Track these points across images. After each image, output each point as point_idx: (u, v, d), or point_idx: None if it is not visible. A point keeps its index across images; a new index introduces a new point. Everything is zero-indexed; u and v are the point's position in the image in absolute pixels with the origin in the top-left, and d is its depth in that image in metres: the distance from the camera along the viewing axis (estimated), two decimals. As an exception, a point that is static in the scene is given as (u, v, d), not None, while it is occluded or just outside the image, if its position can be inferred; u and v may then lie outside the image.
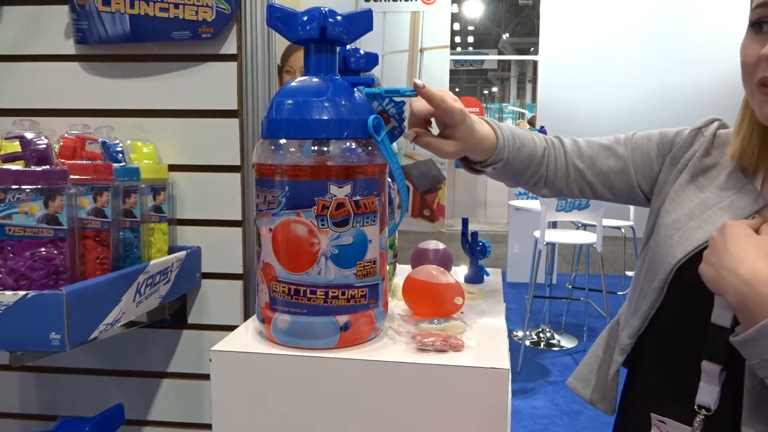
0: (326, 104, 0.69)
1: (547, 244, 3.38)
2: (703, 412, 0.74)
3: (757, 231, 0.71)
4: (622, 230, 3.72)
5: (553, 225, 3.76)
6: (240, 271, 1.13)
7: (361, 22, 0.75)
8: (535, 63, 8.53)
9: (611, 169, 0.93)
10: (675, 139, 0.89)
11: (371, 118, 0.71)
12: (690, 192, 0.85)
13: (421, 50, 6.49)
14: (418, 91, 0.79)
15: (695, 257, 0.79)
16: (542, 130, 4.51)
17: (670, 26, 5.78)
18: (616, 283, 4.17)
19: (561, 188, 0.94)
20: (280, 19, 0.73)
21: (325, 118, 0.68)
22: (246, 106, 1.11)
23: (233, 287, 1.14)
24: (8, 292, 0.75)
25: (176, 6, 1.05)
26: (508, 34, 18.21)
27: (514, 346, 3.38)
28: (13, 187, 0.77)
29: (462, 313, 0.84)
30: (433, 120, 0.83)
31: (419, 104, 0.81)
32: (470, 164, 0.89)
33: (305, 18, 0.72)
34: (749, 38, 0.73)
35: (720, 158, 0.83)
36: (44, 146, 0.81)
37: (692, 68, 5.60)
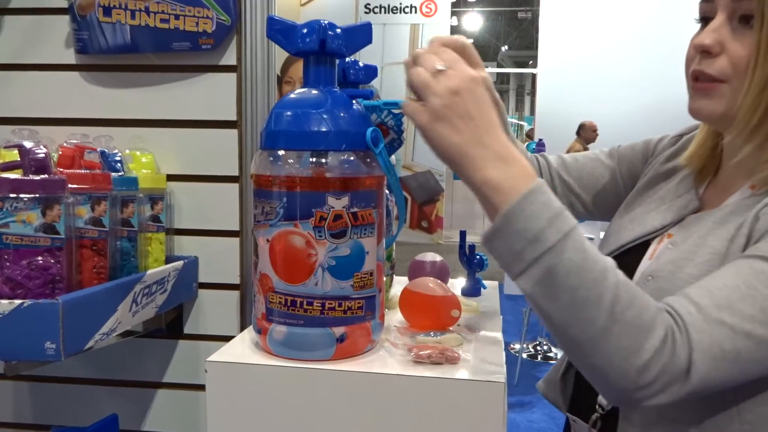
0: (325, 116, 0.69)
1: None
2: (599, 410, 0.76)
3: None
4: (620, 243, 3.72)
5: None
6: (237, 281, 1.13)
7: (361, 35, 0.75)
8: (533, 76, 8.57)
9: (599, 181, 0.91)
10: (657, 146, 0.88)
11: (370, 130, 0.71)
12: (641, 197, 0.84)
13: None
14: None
15: (618, 256, 0.79)
16: (540, 143, 4.52)
17: (668, 38, 5.81)
18: (614, 296, 4.16)
19: None
20: (280, 32, 0.73)
21: (324, 130, 0.69)
22: (245, 117, 1.12)
23: (230, 297, 1.14)
24: (4, 301, 0.75)
25: (177, 17, 1.05)
26: (506, 47, 18.34)
27: (511, 359, 3.38)
28: (11, 195, 0.77)
29: (459, 325, 0.84)
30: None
31: (446, 37, 0.70)
32: None
33: (305, 30, 0.72)
34: (696, 34, 0.72)
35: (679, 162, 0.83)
36: (43, 155, 0.81)
37: (690, 82, 5.62)
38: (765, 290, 0.59)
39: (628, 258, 0.78)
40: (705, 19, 0.71)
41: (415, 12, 6.21)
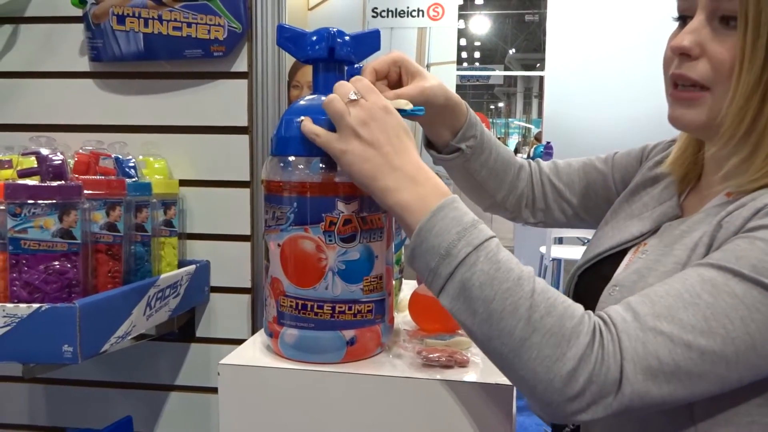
0: (334, 123, 0.70)
1: (553, 260, 3.37)
2: (571, 424, 0.75)
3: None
4: (629, 246, 3.70)
5: (559, 241, 3.75)
6: (248, 285, 1.15)
7: (369, 42, 0.77)
8: (541, 78, 8.56)
9: (590, 187, 0.89)
10: (651, 151, 0.86)
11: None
12: (627, 203, 0.81)
13: (428, 66, 6.52)
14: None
15: (595, 264, 0.78)
16: (548, 146, 4.52)
17: (676, 43, 5.77)
18: (623, 299, 4.14)
19: (542, 209, 0.91)
20: (289, 39, 0.75)
21: (334, 136, 0.70)
22: (256, 123, 1.13)
23: (241, 301, 1.15)
24: (22, 305, 0.77)
25: (189, 25, 1.07)
26: (514, 50, 18.31)
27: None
28: (29, 201, 0.79)
29: (467, 328, 0.85)
30: None
31: (376, 60, 0.76)
32: (440, 149, 0.84)
33: (314, 38, 0.73)
34: (674, 33, 0.69)
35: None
36: (59, 162, 0.83)
37: (699, 84, 5.57)
38: (709, 299, 0.55)
39: (605, 267, 0.76)
40: (683, 18, 0.67)
41: (423, 15, 6.21)
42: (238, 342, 0.83)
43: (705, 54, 0.64)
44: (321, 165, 0.70)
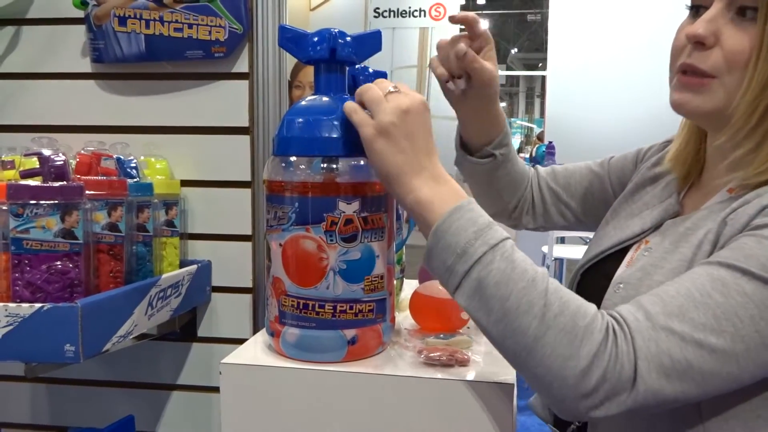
0: (335, 123, 0.71)
1: (555, 259, 3.37)
2: (576, 422, 0.75)
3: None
4: (631, 246, 3.69)
5: (561, 240, 3.75)
6: (249, 285, 1.15)
7: (371, 43, 0.77)
8: (543, 78, 8.55)
9: (587, 189, 0.91)
10: (647, 152, 0.87)
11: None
12: (626, 203, 0.82)
13: (430, 66, 6.54)
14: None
15: (597, 263, 0.79)
16: (550, 146, 4.52)
17: (678, 42, 5.75)
18: (625, 298, 4.12)
19: (542, 214, 0.93)
20: (291, 40, 0.75)
21: (335, 136, 0.70)
22: (257, 124, 1.14)
23: (243, 301, 1.15)
24: (24, 305, 0.77)
25: (190, 26, 1.08)
26: (516, 50, 18.29)
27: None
28: (31, 202, 0.79)
29: (468, 328, 0.85)
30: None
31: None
32: (471, 152, 0.87)
33: (316, 39, 0.74)
34: (686, 22, 0.69)
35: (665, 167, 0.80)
36: (61, 163, 0.83)
37: (701, 84, 5.55)
38: (720, 298, 0.56)
39: (608, 265, 0.76)
40: (696, 8, 0.67)
41: (424, 15, 6.21)
42: (240, 341, 0.83)
43: (719, 44, 0.64)
44: (322, 165, 0.70)
